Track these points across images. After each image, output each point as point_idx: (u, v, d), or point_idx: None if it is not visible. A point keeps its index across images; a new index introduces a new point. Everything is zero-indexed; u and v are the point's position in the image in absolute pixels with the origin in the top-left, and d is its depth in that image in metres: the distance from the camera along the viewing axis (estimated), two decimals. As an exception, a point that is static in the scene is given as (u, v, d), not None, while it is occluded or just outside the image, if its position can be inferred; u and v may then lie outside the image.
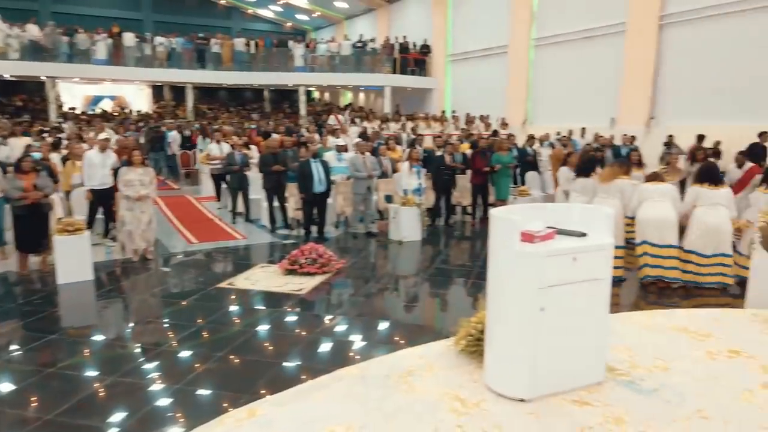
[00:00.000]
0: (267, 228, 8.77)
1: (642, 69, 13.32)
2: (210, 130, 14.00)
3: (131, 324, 5.09)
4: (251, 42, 20.79)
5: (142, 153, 7.20)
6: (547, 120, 15.94)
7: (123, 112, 22.74)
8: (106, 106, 23.87)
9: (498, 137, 11.80)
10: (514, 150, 10.32)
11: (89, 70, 18.30)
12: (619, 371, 2.90)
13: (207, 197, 11.43)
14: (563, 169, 7.86)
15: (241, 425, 2.54)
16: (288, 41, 21.74)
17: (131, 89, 24.59)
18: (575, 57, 15.31)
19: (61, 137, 12.00)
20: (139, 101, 24.79)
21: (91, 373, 3.97)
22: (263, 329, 4.85)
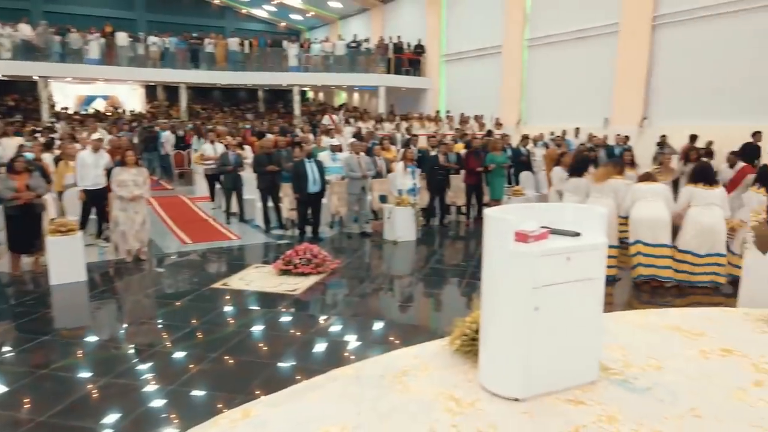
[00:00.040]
0: (261, 228, 8.76)
1: (635, 69, 13.40)
2: (204, 130, 13.95)
3: (125, 325, 5.08)
4: (245, 42, 20.75)
5: (135, 153, 7.17)
6: (541, 120, 16.00)
7: (116, 112, 22.64)
8: (98, 106, 23.76)
9: (492, 137, 11.82)
10: (508, 150, 10.36)
11: (82, 69, 18.21)
12: (613, 370, 2.91)
13: (201, 197, 11.40)
14: (556, 169, 7.87)
15: (236, 426, 2.53)
16: (282, 41, 21.72)
17: (124, 89, 24.49)
18: (569, 57, 15.38)
19: (54, 137, 11.95)
20: (133, 101, 24.69)
21: (85, 375, 3.95)
22: (258, 330, 4.84)
